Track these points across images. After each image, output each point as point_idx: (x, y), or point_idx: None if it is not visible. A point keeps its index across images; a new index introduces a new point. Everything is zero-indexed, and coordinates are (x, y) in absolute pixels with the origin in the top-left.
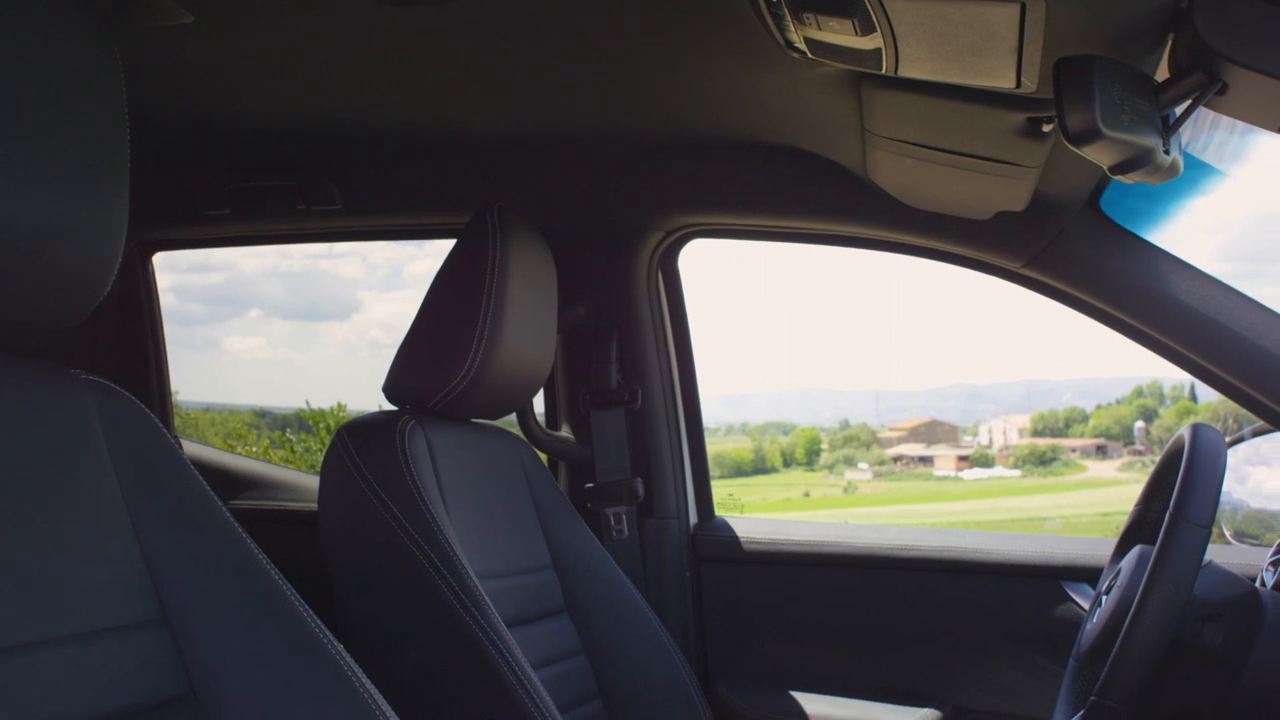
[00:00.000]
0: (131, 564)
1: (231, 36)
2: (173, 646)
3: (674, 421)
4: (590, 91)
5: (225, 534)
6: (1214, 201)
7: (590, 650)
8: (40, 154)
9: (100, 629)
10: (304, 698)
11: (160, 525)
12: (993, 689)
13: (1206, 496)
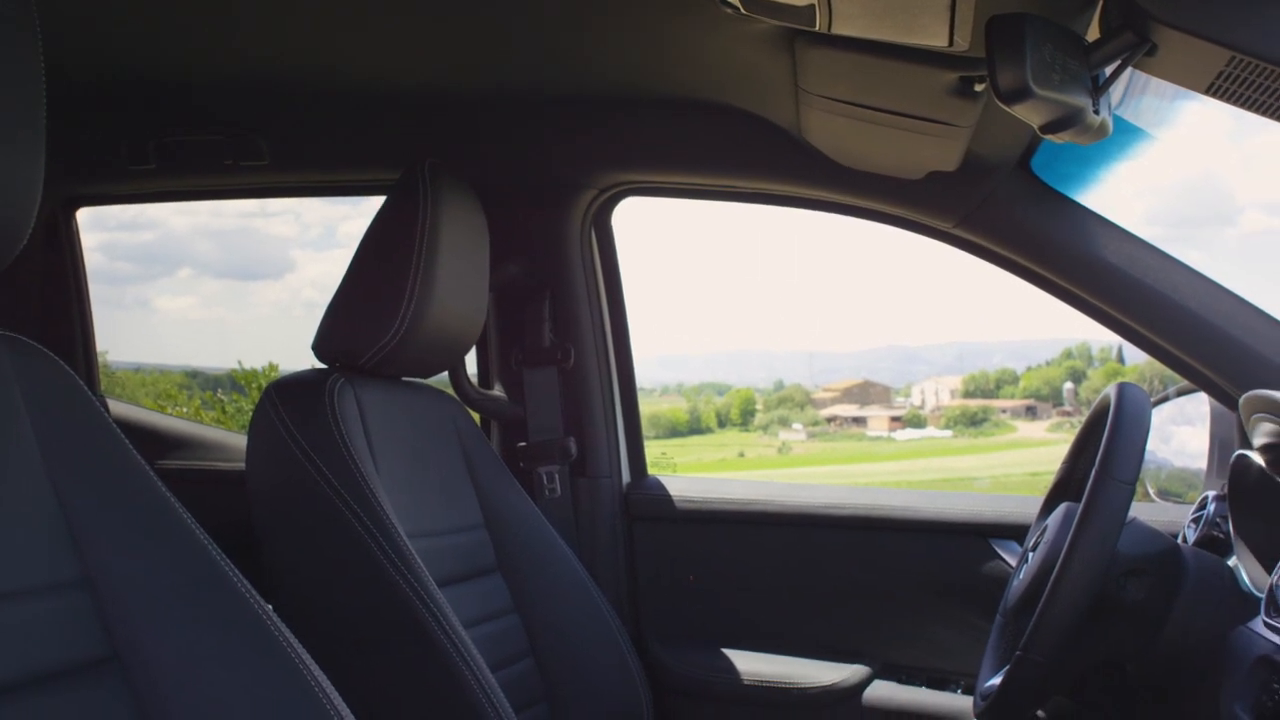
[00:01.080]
0: (51, 524)
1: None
2: (94, 608)
3: (607, 380)
4: (523, 47)
5: (149, 494)
6: (1143, 166)
7: (522, 609)
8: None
9: (17, 589)
10: (230, 660)
11: (81, 485)
12: (922, 645)
13: (1131, 454)
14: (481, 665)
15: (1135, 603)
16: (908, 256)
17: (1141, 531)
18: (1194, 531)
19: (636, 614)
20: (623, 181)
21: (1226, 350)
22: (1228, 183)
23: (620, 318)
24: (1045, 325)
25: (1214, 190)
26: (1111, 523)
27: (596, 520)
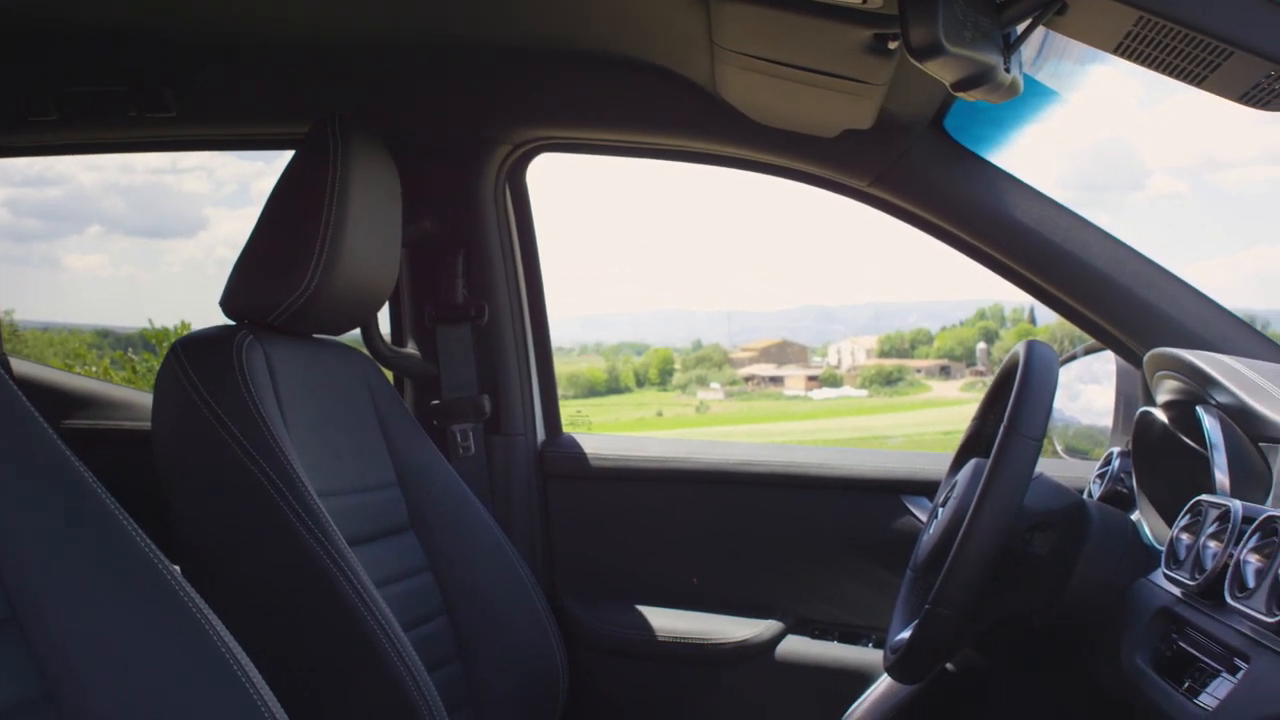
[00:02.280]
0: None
1: None
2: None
3: (521, 338)
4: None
5: (48, 454)
6: (1055, 130)
7: (436, 567)
8: None
9: None
10: (133, 622)
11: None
12: (834, 600)
13: (1038, 411)
14: (393, 624)
15: (1041, 557)
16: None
17: (1047, 487)
18: (1099, 487)
19: (551, 572)
20: (537, 137)
21: (1132, 309)
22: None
23: (535, 275)
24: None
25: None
26: (1018, 478)
27: (511, 478)
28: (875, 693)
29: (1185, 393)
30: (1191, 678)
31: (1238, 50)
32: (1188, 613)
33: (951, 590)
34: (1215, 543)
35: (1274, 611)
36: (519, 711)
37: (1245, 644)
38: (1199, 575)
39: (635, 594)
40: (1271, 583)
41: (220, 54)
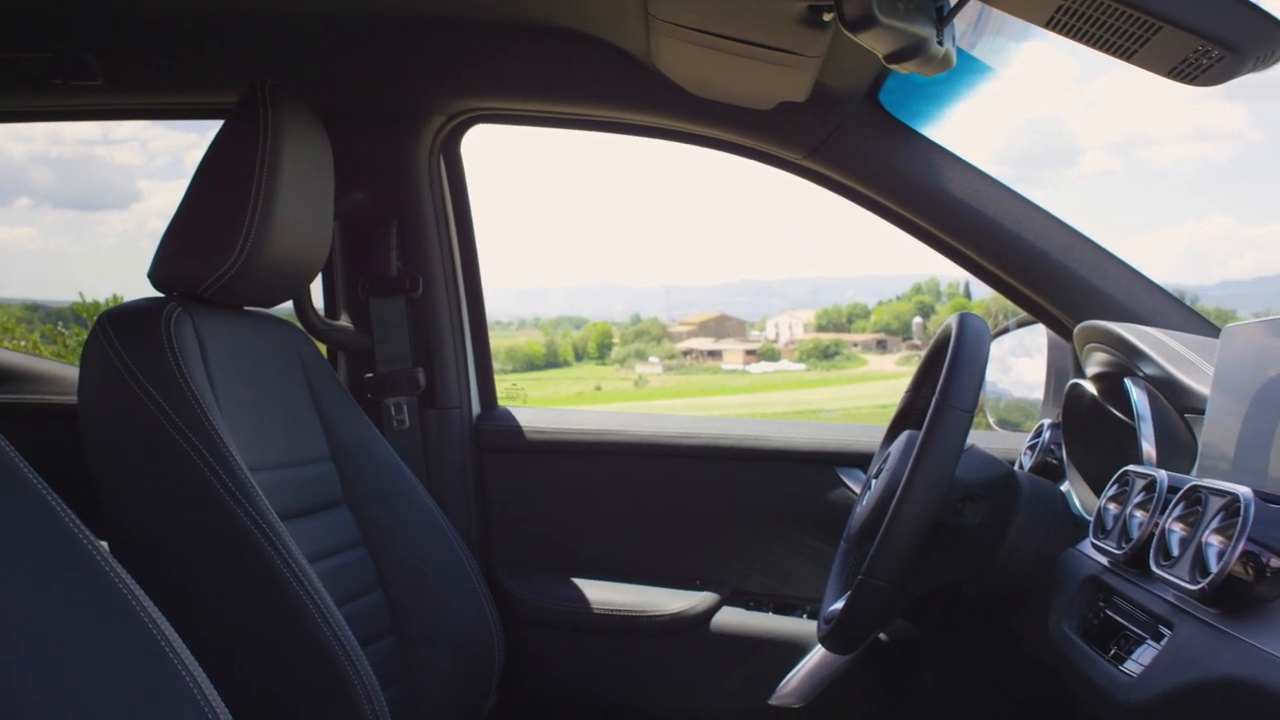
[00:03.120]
0: None
1: None
2: None
3: (456, 311)
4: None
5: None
6: (991, 106)
7: (370, 542)
8: None
9: None
10: (59, 599)
11: None
12: (768, 571)
13: (970, 383)
14: (326, 599)
15: (972, 527)
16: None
17: (979, 458)
18: (1030, 458)
19: (487, 546)
20: (472, 108)
21: (1063, 283)
22: (1071, 125)
23: (470, 247)
24: (896, 261)
25: (1059, 132)
26: (950, 450)
27: (446, 452)
28: (810, 663)
29: (1114, 365)
30: (1118, 645)
31: (1166, 25)
32: (1114, 581)
33: (884, 561)
34: (1141, 512)
35: (1197, 579)
36: (454, 686)
37: (1169, 611)
38: (1125, 544)
39: (571, 567)
40: (1195, 551)
41: (148, 21)
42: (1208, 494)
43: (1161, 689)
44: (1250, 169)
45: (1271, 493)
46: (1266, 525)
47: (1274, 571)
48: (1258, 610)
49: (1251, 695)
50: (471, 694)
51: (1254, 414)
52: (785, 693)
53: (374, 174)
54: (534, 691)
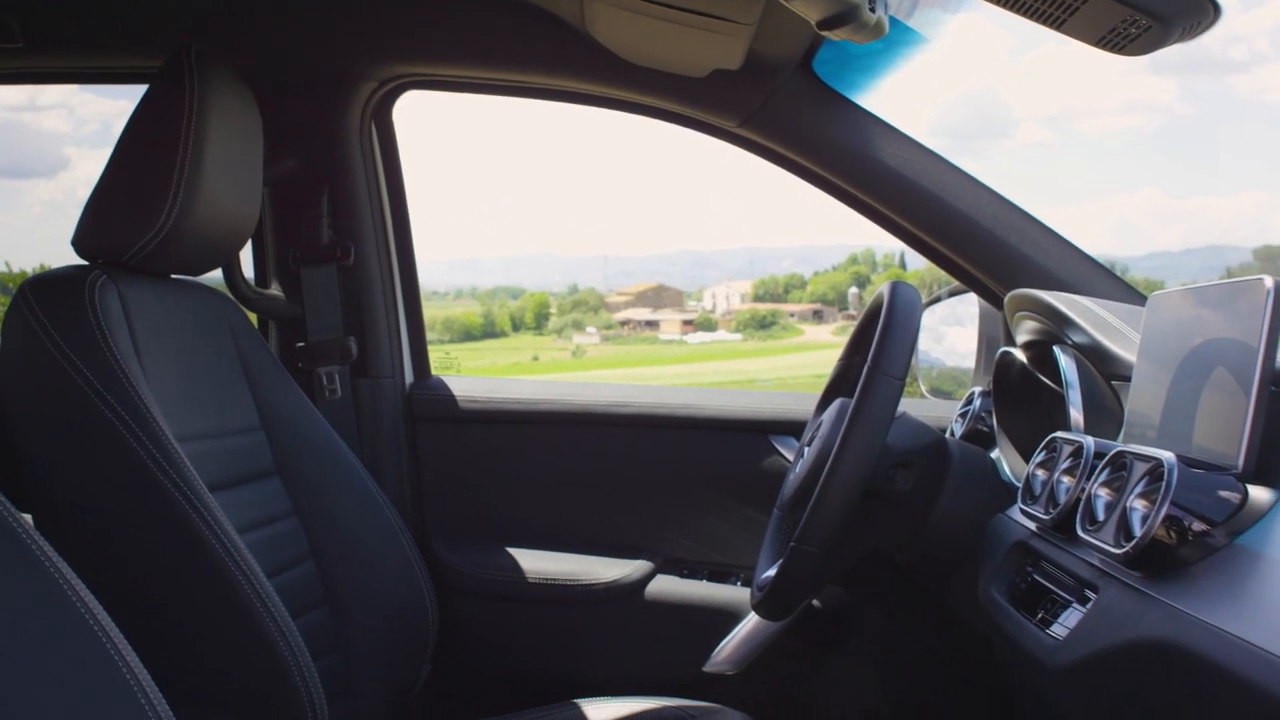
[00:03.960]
0: None
1: None
2: None
3: (388, 279)
4: None
5: None
6: (927, 78)
7: (302, 512)
8: None
9: None
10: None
11: None
12: (702, 539)
13: (901, 351)
14: (255, 570)
15: (903, 494)
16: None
17: (910, 426)
18: (961, 426)
19: (420, 515)
20: (403, 74)
21: (994, 251)
22: (1005, 97)
23: (402, 215)
24: (832, 232)
25: (993, 104)
26: (881, 417)
27: (378, 421)
28: (743, 630)
29: (1043, 333)
30: (1045, 609)
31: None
32: (1042, 546)
33: (816, 527)
34: (1068, 478)
35: (1121, 543)
36: (388, 656)
37: (1094, 575)
38: (1052, 509)
39: (505, 536)
40: (1120, 515)
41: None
42: (1133, 459)
43: (1086, 651)
44: (1178, 142)
45: (1195, 458)
46: (1189, 490)
47: (1196, 535)
48: (1180, 573)
49: (1172, 656)
50: (405, 664)
51: (1179, 381)
52: (719, 659)
53: (304, 141)
54: (468, 661)
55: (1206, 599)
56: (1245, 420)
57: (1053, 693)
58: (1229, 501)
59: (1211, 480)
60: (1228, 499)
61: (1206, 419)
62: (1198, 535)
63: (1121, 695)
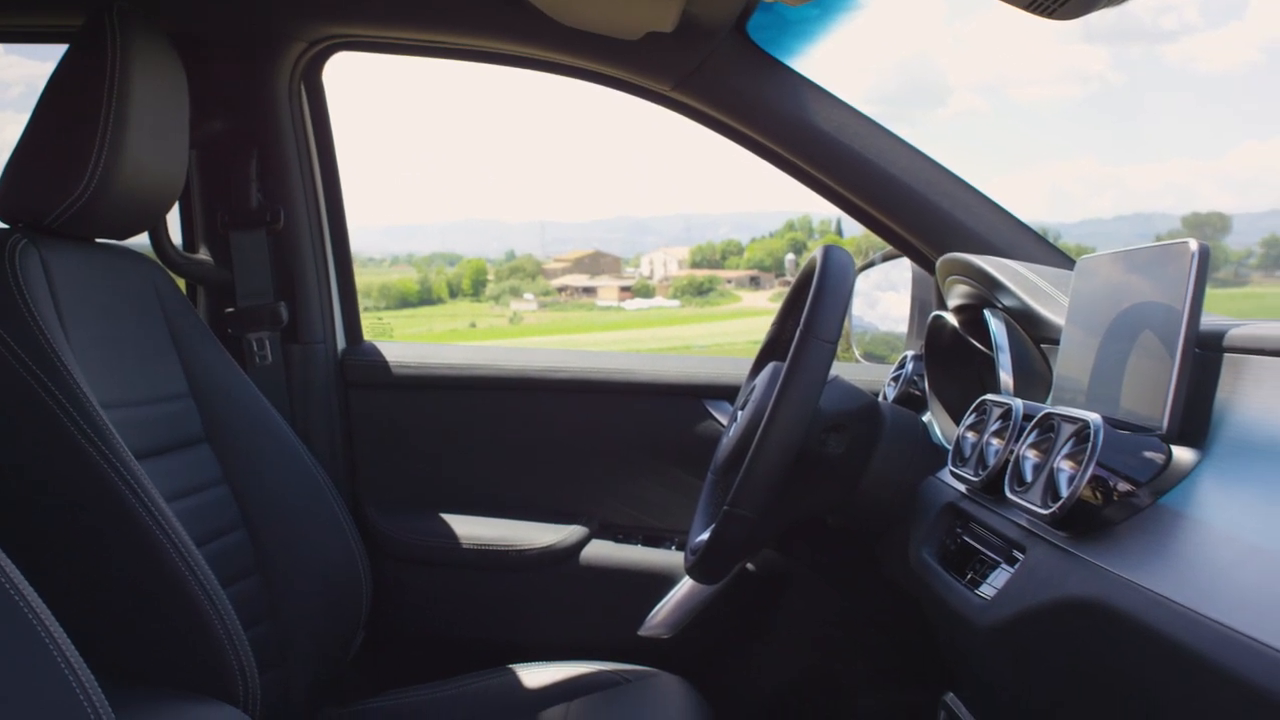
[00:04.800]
0: None
1: None
2: None
3: (320, 244)
4: None
5: None
6: (862, 44)
7: (232, 480)
8: None
9: None
10: None
11: None
12: (637, 504)
13: (833, 314)
14: (184, 538)
15: (836, 457)
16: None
17: (843, 389)
18: (893, 389)
19: (353, 482)
20: (332, 34)
21: (926, 215)
22: (941, 65)
23: (333, 179)
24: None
25: (929, 71)
26: (813, 380)
27: (310, 387)
28: (678, 594)
29: (974, 297)
30: (974, 569)
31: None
32: (971, 508)
33: (749, 491)
34: (998, 440)
35: (1048, 504)
36: (321, 623)
37: (1022, 535)
38: (982, 471)
39: (439, 502)
40: (1047, 476)
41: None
42: (1060, 421)
43: (1013, 611)
44: (1111, 111)
45: (1122, 420)
46: (1115, 451)
47: (1121, 495)
48: (1105, 533)
49: (1096, 614)
50: (339, 631)
51: (1106, 344)
52: (654, 624)
53: (232, 102)
54: (402, 628)
55: (1130, 558)
56: (1170, 382)
57: (981, 652)
58: (1153, 462)
59: (1136, 441)
60: (1152, 460)
61: (1133, 382)
62: (1123, 495)
63: (1047, 653)
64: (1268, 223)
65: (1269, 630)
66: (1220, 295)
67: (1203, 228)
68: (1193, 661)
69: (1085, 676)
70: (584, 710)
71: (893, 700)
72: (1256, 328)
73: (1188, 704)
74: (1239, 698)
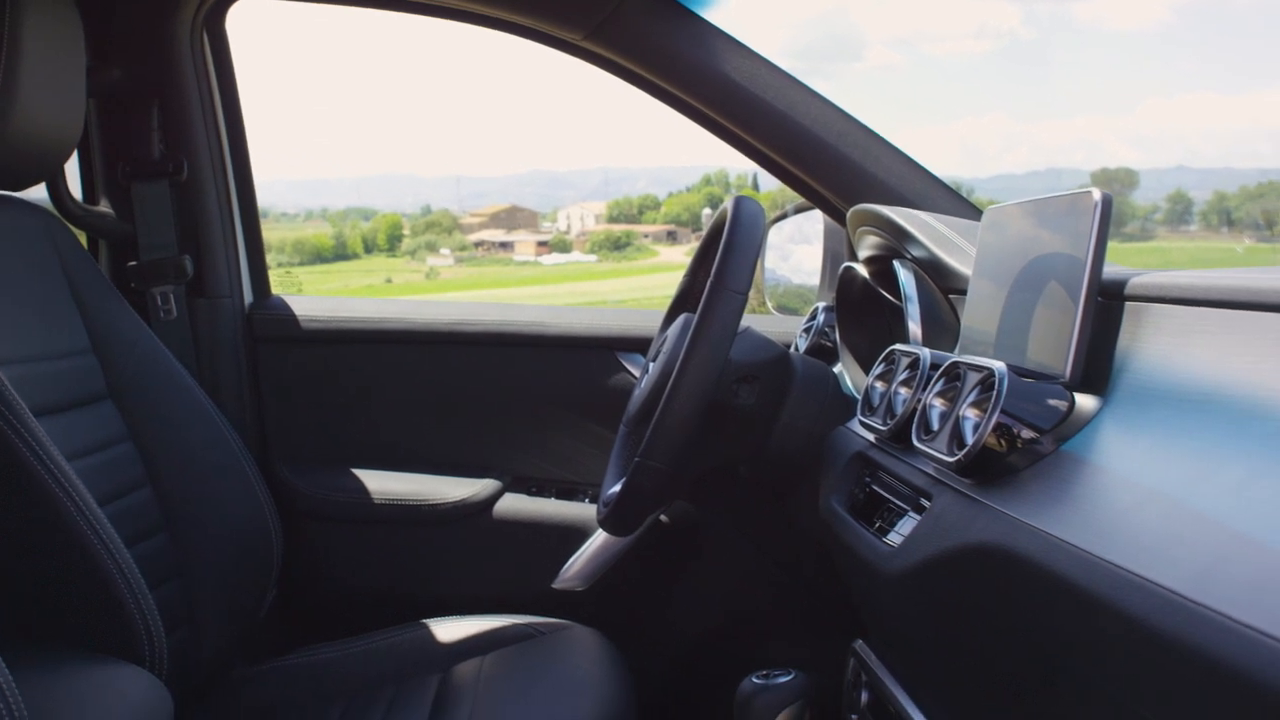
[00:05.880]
0: None
1: None
2: None
3: (224, 195)
4: None
5: None
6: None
7: (137, 437)
8: None
9: None
10: None
11: None
12: (550, 457)
13: (743, 265)
14: (85, 496)
15: (747, 408)
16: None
17: (754, 340)
18: (805, 341)
19: (263, 438)
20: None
21: (837, 167)
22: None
23: (238, 130)
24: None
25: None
26: (724, 331)
27: (217, 342)
28: (592, 547)
29: (884, 248)
30: (882, 518)
31: None
32: (880, 456)
33: (660, 442)
34: (905, 389)
35: (954, 451)
36: (231, 581)
37: (929, 483)
38: (890, 420)
39: (350, 457)
40: (953, 424)
41: None
42: (966, 370)
43: (919, 557)
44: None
45: (1027, 369)
46: (1019, 398)
47: (1025, 442)
48: (1009, 479)
49: (1000, 559)
50: (249, 589)
51: (1013, 294)
52: (569, 576)
53: (132, 50)
54: (315, 584)
55: (1033, 504)
56: (1073, 331)
57: (889, 599)
58: (1056, 410)
59: (1040, 389)
60: (1055, 407)
61: (1039, 331)
62: (1026, 443)
63: (952, 599)
64: (1173, 178)
65: (1164, 571)
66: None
67: (1111, 183)
68: (1091, 603)
69: (989, 620)
70: (498, 663)
71: (804, 648)
72: (1157, 276)
73: (1088, 645)
74: (1135, 637)
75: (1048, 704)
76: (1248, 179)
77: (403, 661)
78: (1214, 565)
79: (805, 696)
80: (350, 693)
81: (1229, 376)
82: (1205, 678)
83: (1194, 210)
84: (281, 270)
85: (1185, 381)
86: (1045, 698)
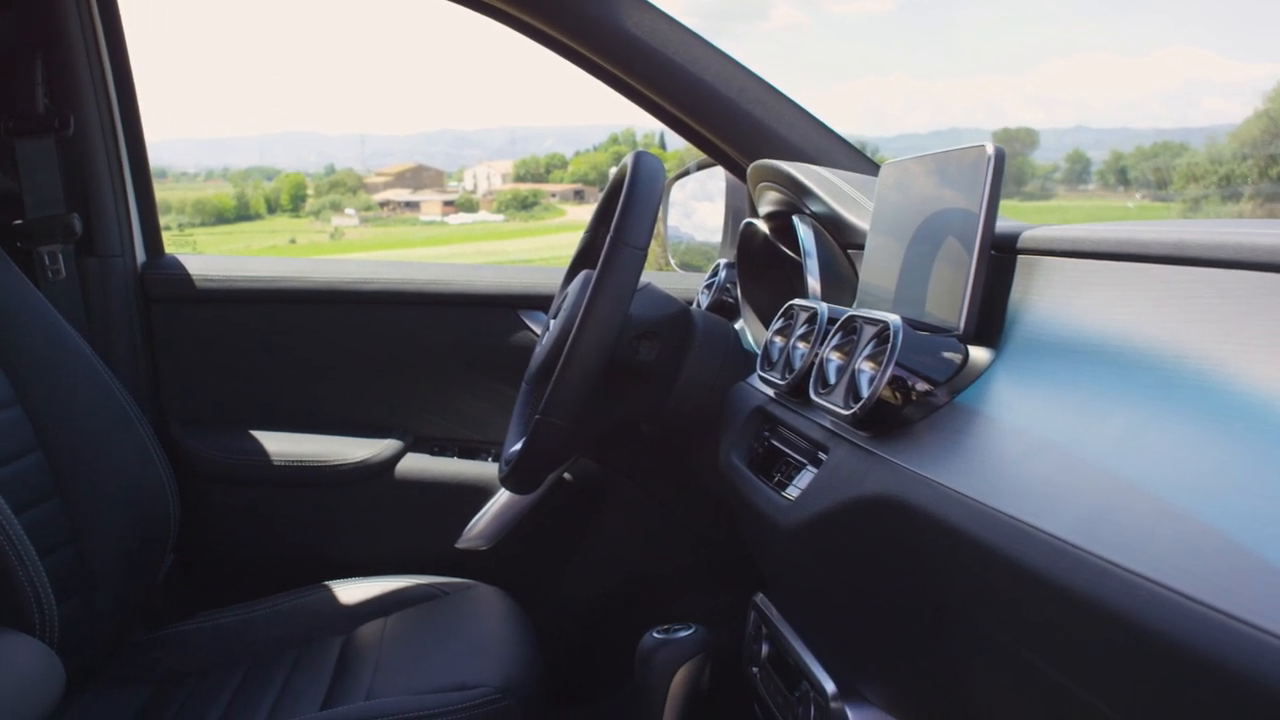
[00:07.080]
0: None
1: None
2: None
3: (115, 152)
4: None
5: None
6: None
7: (26, 401)
8: None
9: None
10: None
11: None
12: (452, 416)
13: (643, 220)
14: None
15: (648, 364)
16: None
17: (654, 296)
18: (706, 297)
19: (158, 400)
20: None
21: (738, 123)
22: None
23: (127, 84)
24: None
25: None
26: (623, 286)
27: (109, 303)
28: (495, 506)
29: (784, 203)
30: (781, 472)
31: None
32: (778, 411)
33: (560, 399)
34: (804, 344)
35: (850, 404)
36: (127, 547)
37: (826, 436)
38: (788, 375)
39: (249, 419)
40: (850, 378)
41: None
42: (862, 323)
43: (815, 510)
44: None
45: (923, 322)
46: (914, 351)
47: (920, 395)
48: (904, 432)
49: (893, 509)
50: (146, 554)
51: (910, 249)
52: (471, 536)
53: (13, 0)
54: (215, 548)
55: (927, 455)
56: (966, 284)
57: (787, 552)
58: (951, 362)
59: (934, 342)
60: (950, 359)
61: (935, 285)
62: (921, 395)
63: (848, 551)
64: (1071, 138)
65: (1052, 519)
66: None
67: (1012, 142)
68: (981, 552)
69: (884, 571)
70: (401, 624)
71: (706, 602)
72: (1049, 230)
73: (978, 592)
74: (1024, 584)
75: (940, 652)
76: (1144, 139)
77: (306, 624)
78: (1101, 513)
79: (705, 650)
80: (252, 656)
81: (1117, 327)
82: (1091, 623)
83: (1092, 170)
84: (181, 232)
85: (1075, 333)
86: (937, 646)
